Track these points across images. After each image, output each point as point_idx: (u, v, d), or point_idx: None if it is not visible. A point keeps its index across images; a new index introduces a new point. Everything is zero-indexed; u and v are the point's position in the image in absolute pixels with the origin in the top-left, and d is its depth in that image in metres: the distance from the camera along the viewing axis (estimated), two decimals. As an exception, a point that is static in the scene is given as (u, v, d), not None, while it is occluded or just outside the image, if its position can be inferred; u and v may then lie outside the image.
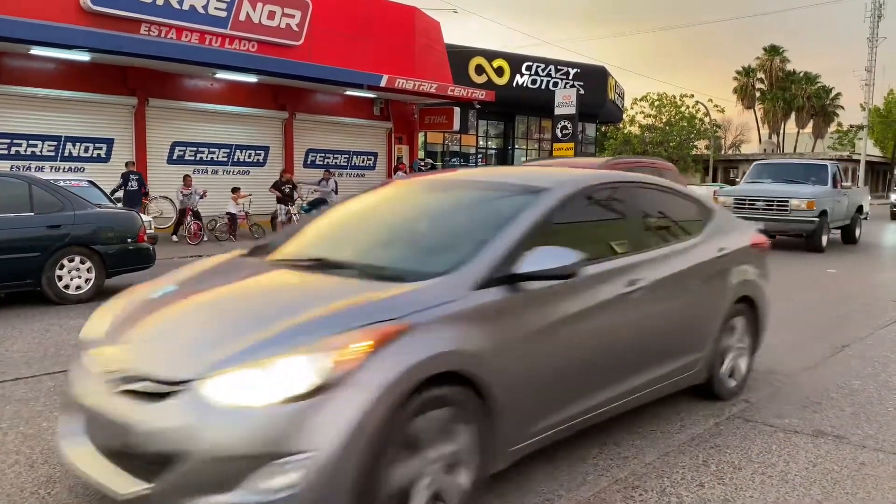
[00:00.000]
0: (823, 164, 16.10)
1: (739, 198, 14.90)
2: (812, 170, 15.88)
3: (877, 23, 45.72)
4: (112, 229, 8.76)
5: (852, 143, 58.58)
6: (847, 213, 16.04)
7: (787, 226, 14.13)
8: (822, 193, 14.51)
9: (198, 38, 17.00)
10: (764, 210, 14.29)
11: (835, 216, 14.92)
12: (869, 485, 3.56)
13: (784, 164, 17.91)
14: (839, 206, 15.24)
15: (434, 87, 20.31)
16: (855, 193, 17.07)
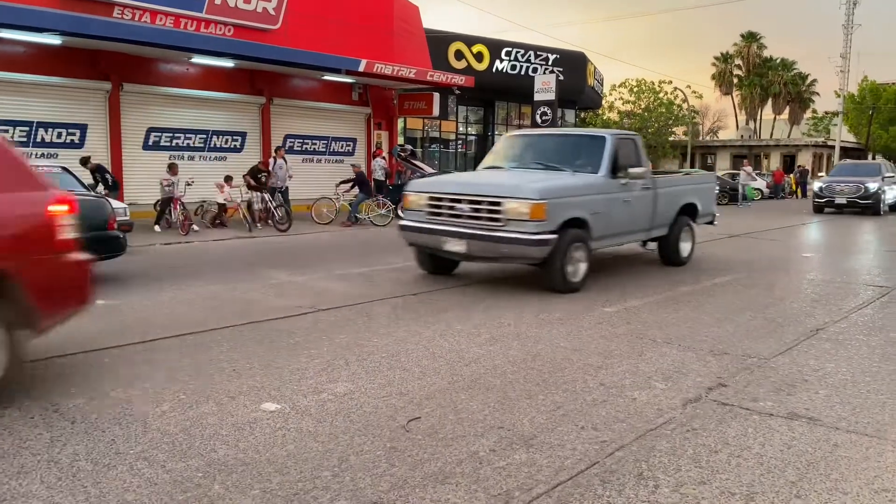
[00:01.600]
0: (599, 137, 9.22)
1: (435, 196, 8.56)
2: (585, 146, 9.30)
3: (852, 9, 46.08)
4: (80, 216, 8.59)
5: (827, 129, 59.20)
6: (656, 218, 9.74)
7: (498, 248, 7.91)
8: (568, 188, 8.29)
9: (172, 21, 16.72)
10: (468, 219, 8.14)
11: (616, 226, 8.94)
12: (842, 466, 3.61)
13: (543, 136, 10.53)
14: (625, 210, 9.02)
15: (413, 72, 20.19)
16: (676, 182, 10.52)
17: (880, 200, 21.98)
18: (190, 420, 4.05)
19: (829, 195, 22.46)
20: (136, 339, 5.83)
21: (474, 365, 5.23)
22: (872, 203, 21.91)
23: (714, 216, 11.48)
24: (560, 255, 7.88)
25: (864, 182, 22.06)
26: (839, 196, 22.19)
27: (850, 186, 22.16)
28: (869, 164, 25.20)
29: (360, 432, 3.91)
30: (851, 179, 22.40)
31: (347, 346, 5.67)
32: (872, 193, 21.91)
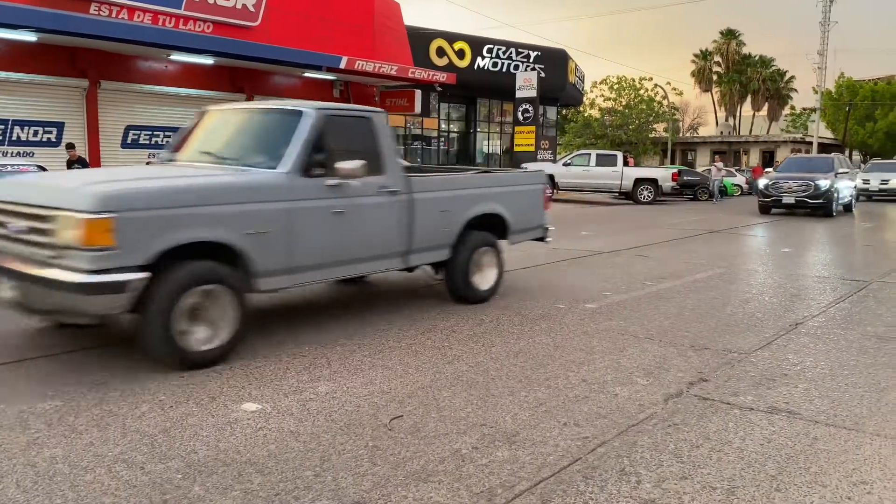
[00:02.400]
0: (292, 113, 5.97)
1: None
2: (273, 128, 6.18)
3: (829, 7, 46.60)
4: None
5: (805, 125, 59.88)
6: (421, 237, 6.71)
7: (49, 298, 4.71)
8: (180, 191, 4.97)
9: (150, 18, 16.52)
10: (23, 245, 4.98)
11: (317, 251, 5.78)
12: (821, 459, 3.64)
13: (226, 114, 6.76)
14: (337, 226, 5.87)
15: (394, 69, 20.12)
16: (458, 185, 7.28)
17: (832, 200, 19.66)
18: (170, 421, 4.00)
19: (775, 193, 20.12)
20: (116, 339, 5.75)
21: (456, 362, 5.22)
22: (823, 203, 19.55)
23: (545, 230, 8.35)
24: (159, 313, 4.68)
25: (814, 179, 19.60)
26: (787, 195, 19.82)
27: (799, 184, 19.68)
28: (821, 159, 22.51)
29: (341, 431, 3.89)
30: (801, 176, 19.99)
31: (329, 345, 5.64)
32: (824, 192, 19.46)
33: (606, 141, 42.06)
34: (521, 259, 10.49)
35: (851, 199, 22.11)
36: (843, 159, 23.25)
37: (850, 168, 22.33)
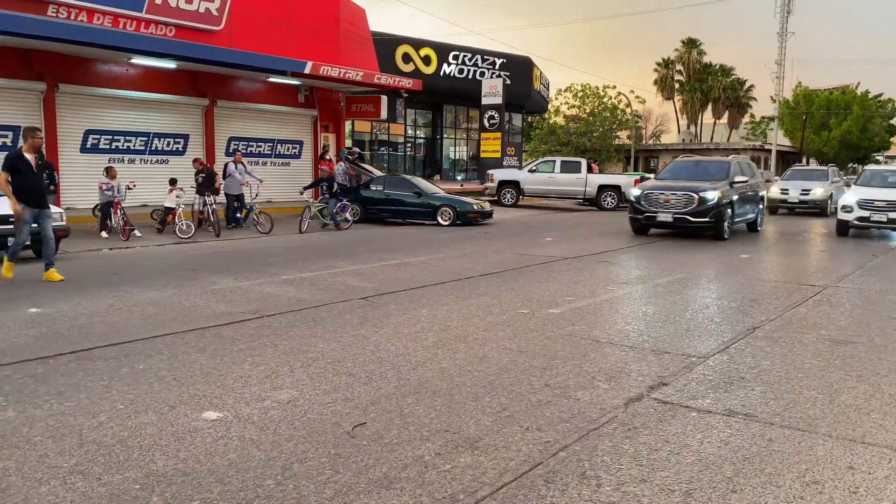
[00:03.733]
0: None
1: None
2: None
3: (786, 18, 47.85)
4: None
5: (765, 133, 61.25)
6: None
7: None
8: None
9: (111, 21, 16.26)
10: None
11: None
12: (776, 460, 3.73)
13: None
14: None
15: (360, 74, 20.08)
16: None
17: (723, 217, 14.53)
18: (128, 431, 3.94)
19: (649, 209, 14.95)
20: (71, 348, 5.64)
21: (421, 369, 5.23)
22: (710, 222, 14.49)
23: None
24: None
25: (699, 190, 14.55)
26: (663, 210, 14.75)
27: (679, 196, 14.65)
28: (714, 163, 17.22)
29: (304, 439, 3.87)
30: (683, 186, 14.98)
31: (292, 353, 5.60)
32: (711, 207, 14.40)
33: (571, 148, 42.51)
34: (486, 265, 10.56)
35: (757, 216, 17.24)
36: (747, 164, 17.74)
37: (754, 175, 17.49)
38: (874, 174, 17.90)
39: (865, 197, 15.88)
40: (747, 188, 16.17)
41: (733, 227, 15.51)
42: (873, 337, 6.49)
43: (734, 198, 15.18)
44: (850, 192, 16.72)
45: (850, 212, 15.83)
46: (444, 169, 37.59)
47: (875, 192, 16.12)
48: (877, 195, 15.86)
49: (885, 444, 3.95)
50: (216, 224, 14.88)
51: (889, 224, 15.52)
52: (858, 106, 56.37)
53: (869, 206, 15.65)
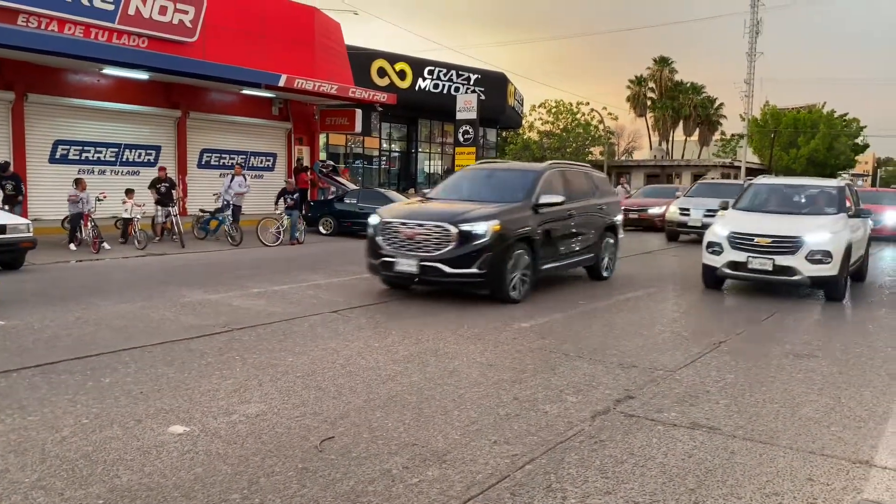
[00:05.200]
0: None
1: None
2: None
3: (755, 39, 48.87)
4: None
5: (734, 150, 62.34)
6: None
7: None
8: None
9: (82, 31, 16.11)
10: None
11: None
12: (738, 472, 3.80)
13: None
14: None
15: (334, 88, 20.11)
16: None
17: (503, 265, 8.61)
18: (92, 445, 3.89)
19: (387, 249, 8.96)
20: (36, 361, 5.55)
21: (391, 383, 5.24)
22: (481, 273, 8.50)
23: None
24: None
25: (459, 219, 8.66)
26: (405, 252, 8.79)
27: (429, 230, 8.72)
28: (519, 173, 10.51)
29: (271, 454, 3.85)
30: (441, 212, 9.08)
31: (261, 366, 5.58)
32: (479, 249, 8.48)
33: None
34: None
35: (602, 254, 10.99)
36: (582, 174, 11.19)
37: (596, 192, 11.07)
38: (770, 191, 11.27)
39: (741, 230, 9.76)
40: (575, 213, 10.08)
41: (541, 274, 9.45)
42: (835, 351, 6.61)
43: (538, 231, 9.18)
44: (721, 220, 10.47)
45: (719, 253, 9.79)
46: (419, 183, 37.64)
47: (759, 221, 10.08)
48: (760, 227, 9.77)
49: (843, 457, 4.05)
50: (181, 235, 14.74)
51: (778, 274, 9.31)
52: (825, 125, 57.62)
53: (746, 245, 9.55)
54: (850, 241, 9.58)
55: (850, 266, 9.82)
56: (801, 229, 9.43)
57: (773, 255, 9.33)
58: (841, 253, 9.23)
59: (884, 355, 6.56)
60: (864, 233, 11.07)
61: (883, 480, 3.74)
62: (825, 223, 9.68)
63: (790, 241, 9.31)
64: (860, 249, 10.77)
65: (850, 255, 9.69)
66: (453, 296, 9.09)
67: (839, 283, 9.36)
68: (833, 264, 9.14)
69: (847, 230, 9.66)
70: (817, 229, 9.45)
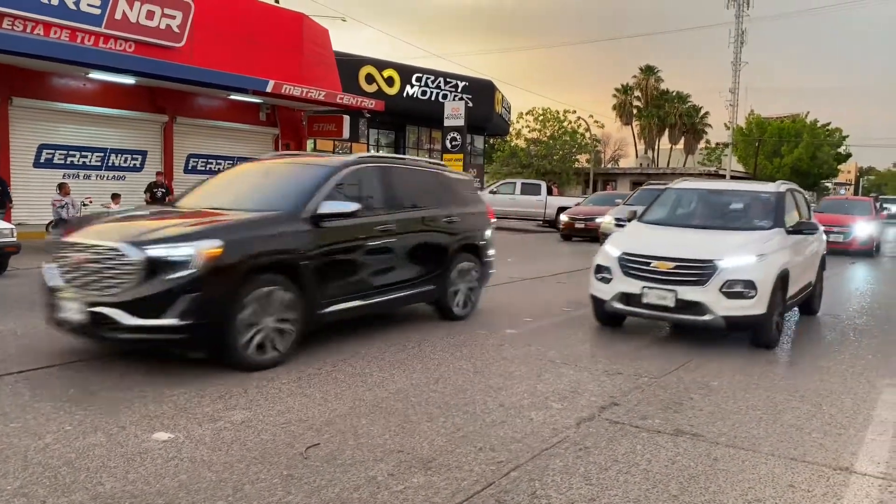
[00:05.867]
0: None
1: None
2: None
3: (740, 48, 49.34)
4: None
5: (719, 159, 62.87)
6: None
7: None
8: None
9: (68, 35, 16.02)
10: None
11: None
12: (720, 479, 3.84)
13: None
14: None
15: (322, 94, 20.09)
16: None
17: (225, 318, 5.42)
18: (75, 452, 3.87)
19: (57, 284, 5.73)
20: (19, 367, 5.51)
21: (377, 389, 5.24)
22: (183, 327, 5.26)
23: None
24: None
25: (128, 243, 5.39)
26: (71, 293, 5.54)
27: (91, 256, 5.53)
28: (306, 169, 7.22)
29: (256, 460, 3.85)
30: (123, 230, 5.85)
31: (247, 373, 5.55)
32: (172, 289, 5.24)
33: (532, 170, 43.03)
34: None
35: (461, 287, 8.18)
36: (443, 176, 8.50)
37: (456, 197, 8.38)
38: (689, 198, 8.77)
39: (636, 250, 7.30)
40: (397, 228, 7.25)
41: (326, 318, 6.46)
42: (817, 359, 6.67)
43: (316, 253, 6.27)
44: (617, 236, 7.92)
45: (608, 280, 7.37)
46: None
47: (664, 238, 7.65)
48: (662, 246, 7.29)
49: (823, 463, 4.10)
50: None
51: (681, 311, 6.87)
52: (808, 134, 58.33)
53: (641, 271, 7.10)
54: (785, 265, 7.07)
55: (790, 299, 7.49)
56: (717, 250, 6.93)
57: (675, 286, 6.77)
58: (770, 282, 6.74)
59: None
60: (813, 252, 8.64)
61: (863, 487, 3.79)
62: (752, 241, 7.15)
63: (699, 267, 6.76)
64: (807, 275, 8.32)
65: (788, 285, 7.25)
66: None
67: (768, 324, 6.82)
68: (758, 298, 6.62)
69: (784, 251, 7.23)
70: (738, 250, 6.94)
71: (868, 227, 17.82)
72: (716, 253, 6.88)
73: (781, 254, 7.16)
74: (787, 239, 7.51)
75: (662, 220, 8.27)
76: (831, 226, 16.76)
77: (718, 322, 6.72)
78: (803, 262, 8.01)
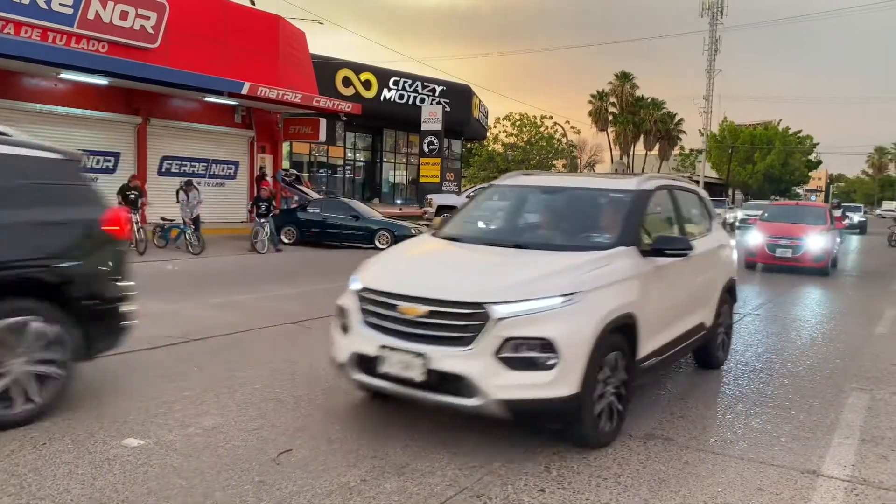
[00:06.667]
0: None
1: None
2: None
3: (714, 56, 50.09)
4: None
5: (693, 165, 63.65)
6: None
7: None
8: None
9: (39, 34, 15.80)
10: None
11: None
12: (690, 482, 3.88)
13: None
14: None
15: (298, 96, 20.02)
16: None
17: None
18: (42, 459, 3.81)
19: None
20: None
21: (353, 394, 5.21)
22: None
23: None
24: None
25: None
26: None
27: None
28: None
29: (227, 467, 3.81)
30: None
31: (219, 378, 5.51)
32: None
33: (509, 175, 43.28)
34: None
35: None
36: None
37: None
38: (511, 199, 6.00)
39: (381, 284, 4.52)
40: None
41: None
42: (786, 363, 6.76)
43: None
44: (374, 259, 5.04)
45: (346, 331, 4.60)
46: (384, 193, 37.64)
47: (430, 261, 5.12)
48: (417, 276, 4.64)
49: (792, 466, 4.16)
50: (143, 243, 14.55)
51: (431, 389, 4.11)
52: (780, 141, 59.32)
53: (383, 318, 4.37)
54: (626, 308, 4.42)
55: (651, 357, 4.79)
56: (496, 285, 4.26)
57: (426, 345, 4.12)
58: (587, 341, 4.08)
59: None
60: (707, 281, 6.06)
61: (829, 490, 3.85)
62: (565, 270, 4.42)
63: (462, 314, 4.10)
64: (691, 315, 5.61)
65: (638, 339, 4.56)
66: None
67: (582, 414, 4.15)
68: (562, 370, 3.98)
69: (626, 283, 4.56)
70: (533, 285, 4.24)
71: (822, 240, 14.58)
72: (491, 289, 4.13)
73: (618, 289, 4.44)
74: (640, 264, 4.74)
75: (463, 234, 5.44)
76: (778, 237, 14.88)
77: (493, 409, 3.99)
78: (680, 298, 5.41)
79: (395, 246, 5.69)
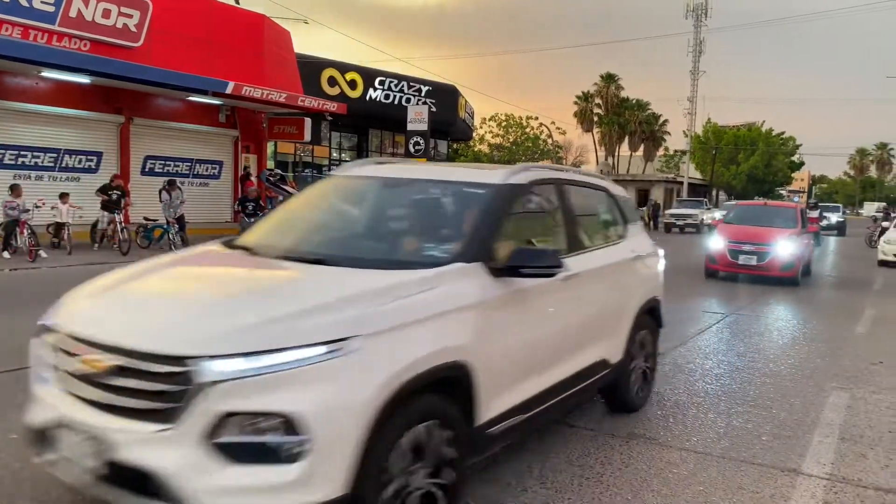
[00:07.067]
0: None
1: None
2: None
3: (698, 58, 50.48)
4: None
5: (677, 166, 64.09)
6: None
7: None
8: None
9: (20, 32, 15.62)
10: None
11: None
12: (672, 482, 3.90)
13: None
14: None
15: (283, 96, 19.94)
16: None
17: None
18: (20, 462, 3.76)
19: None
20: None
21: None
22: None
23: None
24: None
25: None
26: None
27: None
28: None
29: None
30: None
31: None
32: None
33: (494, 175, 43.36)
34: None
35: None
36: None
37: None
38: (351, 192, 4.62)
39: (69, 321, 3.10)
40: None
41: None
42: (768, 362, 6.81)
43: None
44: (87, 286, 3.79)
45: (45, 384, 3.07)
46: (369, 193, 37.58)
47: (156, 284, 3.49)
48: (113, 309, 3.23)
49: (772, 465, 4.20)
50: (127, 243, 14.43)
51: (120, 485, 2.65)
52: (763, 143, 59.80)
53: (62, 372, 2.94)
54: (453, 356, 3.08)
55: (508, 417, 3.48)
56: (225, 321, 2.77)
57: (108, 417, 2.71)
58: (361, 415, 2.64)
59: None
60: (616, 306, 4.72)
61: (809, 488, 3.89)
62: (353, 297, 2.96)
63: (160, 374, 2.63)
64: (582, 353, 4.24)
65: (476, 398, 3.21)
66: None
67: None
68: (317, 460, 2.55)
69: (464, 316, 3.21)
70: (273, 326, 2.71)
71: (791, 245, 12.92)
72: (206, 335, 2.71)
73: (437, 327, 3.08)
74: (486, 287, 3.38)
75: (261, 243, 3.99)
76: (741, 242, 13.11)
77: None
78: (558, 330, 4.01)
79: (146, 259, 3.91)
